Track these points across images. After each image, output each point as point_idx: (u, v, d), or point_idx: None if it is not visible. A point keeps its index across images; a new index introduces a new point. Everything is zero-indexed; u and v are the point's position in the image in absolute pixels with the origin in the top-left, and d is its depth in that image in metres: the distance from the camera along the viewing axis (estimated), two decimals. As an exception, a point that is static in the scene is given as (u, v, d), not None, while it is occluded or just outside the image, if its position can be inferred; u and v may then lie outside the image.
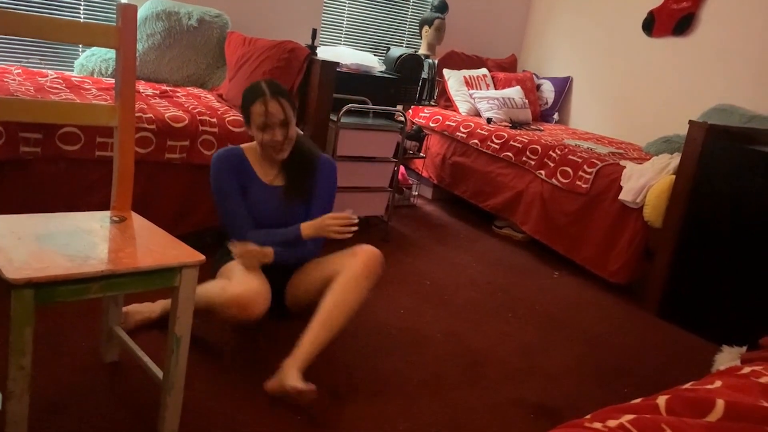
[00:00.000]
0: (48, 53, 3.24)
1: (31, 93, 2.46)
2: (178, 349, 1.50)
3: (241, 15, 3.66)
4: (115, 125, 1.70)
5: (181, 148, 2.57)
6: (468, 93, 4.34)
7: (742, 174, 2.61)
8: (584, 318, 2.74)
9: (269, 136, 2.02)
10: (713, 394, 1.07)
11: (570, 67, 4.78)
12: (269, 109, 1.99)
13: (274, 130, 2.01)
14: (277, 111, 2.00)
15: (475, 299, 2.74)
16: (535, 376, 2.17)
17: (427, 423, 1.80)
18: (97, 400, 1.67)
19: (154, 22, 3.23)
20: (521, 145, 3.61)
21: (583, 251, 3.18)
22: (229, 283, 1.90)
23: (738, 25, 3.71)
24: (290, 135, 2.05)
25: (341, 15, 4.26)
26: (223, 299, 1.85)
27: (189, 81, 3.37)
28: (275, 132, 2.01)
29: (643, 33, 4.22)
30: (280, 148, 2.05)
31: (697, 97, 3.86)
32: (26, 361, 1.27)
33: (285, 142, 2.05)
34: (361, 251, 1.99)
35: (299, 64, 2.93)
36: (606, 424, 0.97)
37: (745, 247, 2.59)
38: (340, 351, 2.11)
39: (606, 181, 3.12)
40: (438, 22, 4.38)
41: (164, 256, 1.46)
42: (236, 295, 1.84)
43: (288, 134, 2.04)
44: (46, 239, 1.43)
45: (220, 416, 1.68)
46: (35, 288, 1.24)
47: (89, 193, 2.40)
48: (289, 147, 2.08)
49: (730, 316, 2.62)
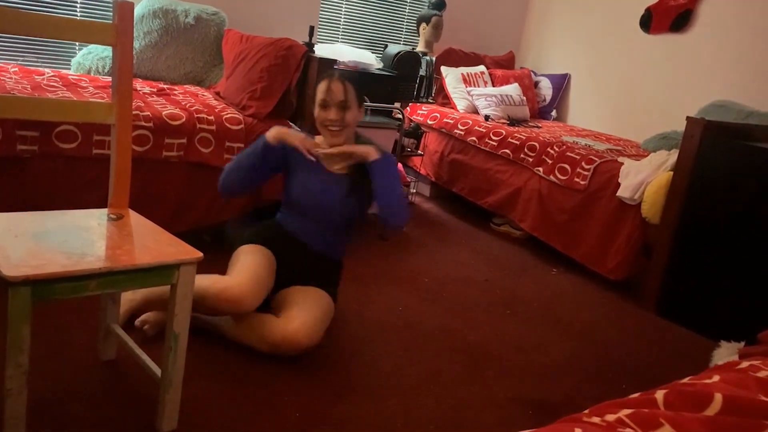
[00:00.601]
0: (45, 51, 3.23)
1: (28, 91, 2.46)
2: (176, 346, 1.50)
3: (239, 12, 3.65)
4: (112, 123, 1.70)
5: (178, 145, 2.57)
6: (466, 90, 4.34)
7: (739, 170, 2.61)
8: (582, 314, 2.74)
9: (324, 114, 2.08)
10: (711, 389, 1.07)
11: (568, 64, 4.78)
12: (331, 87, 2.07)
13: (330, 108, 2.08)
14: (338, 90, 2.07)
15: (474, 296, 2.74)
16: (534, 372, 2.17)
17: (426, 420, 1.80)
18: (95, 397, 1.66)
19: (151, 20, 3.22)
20: (519, 142, 3.61)
21: (581, 248, 3.18)
22: (221, 277, 1.93)
23: (735, 22, 3.72)
24: (346, 119, 2.09)
25: (339, 12, 4.25)
26: (212, 291, 1.88)
27: (186, 79, 3.36)
28: (330, 110, 2.07)
29: (641, 30, 4.23)
30: (335, 129, 2.09)
31: (694, 94, 3.86)
32: (24, 358, 1.27)
33: (339, 124, 2.09)
34: (291, 330, 1.90)
35: (297, 62, 2.92)
36: (604, 419, 0.97)
37: (742, 243, 2.59)
38: (339, 348, 2.11)
39: (604, 177, 3.12)
40: (435, 19, 4.38)
41: (162, 253, 1.46)
42: (224, 288, 1.88)
43: (344, 117, 2.08)
44: (43, 237, 1.43)
45: (219, 413, 1.68)
46: (32, 285, 1.24)
47: (86, 191, 2.40)
48: (344, 133, 2.12)
49: (728, 312, 2.62)
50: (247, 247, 2.10)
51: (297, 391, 1.83)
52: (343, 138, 2.12)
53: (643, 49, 4.24)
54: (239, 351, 1.98)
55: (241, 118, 2.77)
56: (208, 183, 2.67)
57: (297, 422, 1.70)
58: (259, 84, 2.89)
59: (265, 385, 1.84)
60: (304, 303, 2.01)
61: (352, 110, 2.11)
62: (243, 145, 2.73)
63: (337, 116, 2.07)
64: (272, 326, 1.94)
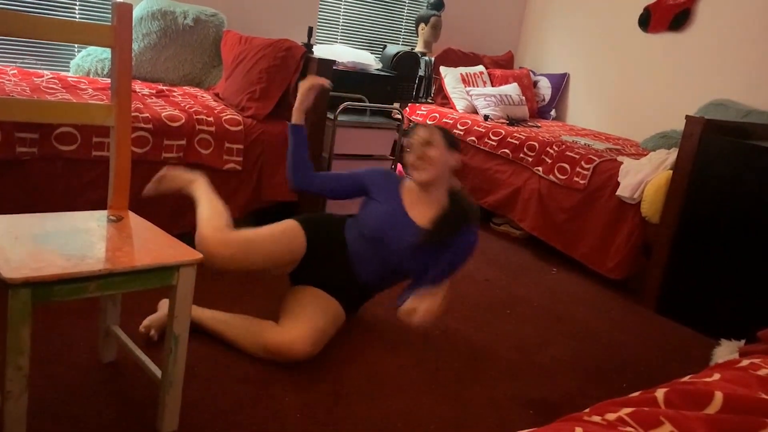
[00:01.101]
0: (43, 53, 3.23)
1: (27, 93, 2.45)
2: (176, 347, 1.50)
3: (237, 14, 3.66)
4: (111, 124, 1.70)
5: (177, 147, 2.57)
6: (465, 90, 4.34)
7: (739, 169, 2.61)
8: (582, 314, 2.74)
9: (408, 155, 2.09)
10: (712, 387, 1.07)
11: (567, 64, 4.78)
12: (418, 131, 2.09)
13: (414, 148, 2.08)
14: (425, 133, 2.08)
15: (474, 296, 2.74)
16: (534, 372, 2.17)
17: (426, 420, 1.80)
18: (96, 399, 1.66)
19: (149, 22, 3.22)
20: (518, 141, 3.61)
21: (580, 247, 3.18)
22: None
23: (734, 20, 3.72)
24: (431, 155, 2.05)
25: (337, 13, 4.25)
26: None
27: (185, 80, 3.36)
28: (415, 149, 2.07)
29: (640, 29, 4.23)
30: (417, 165, 2.06)
31: (693, 93, 3.87)
32: (24, 360, 1.27)
33: (422, 159, 2.06)
34: (288, 339, 1.90)
35: (296, 63, 2.92)
36: (605, 418, 0.97)
37: (742, 242, 2.59)
38: (338, 349, 2.11)
39: (603, 177, 3.12)
40: (434, 19, 4.38)
41: (162, 254, 1.46)
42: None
43: (427, 153, 2.05)
44: (43, 239, 1.43)
45: (219, 415, 1.68)
46: (32, 287, 1.24)
47: (86, 193, 2.40)
48: (428, 171, 2.06)
49: (728, 310, 2.62)
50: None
51: (297, 392, 1.83)
52: (425, 173, 2.06)
53: (641, 49, 4.24)
54: (240, 352, 1.98)
55: (241, 119, 2.77)
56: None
57: (297, 423, 1.70)
58: (258, 85, 2.90)
59: (266, 386, 1.84)
60: (310, 310, 1.98)
61: (438, 147, 2.06)
62: (242, 146, 2.73)
63: (419, 152, 2.06)
64: (271, 333, 1.92)
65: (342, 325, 2.11)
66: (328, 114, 3.02)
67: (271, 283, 2.44)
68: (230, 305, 2.15)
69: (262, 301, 2.34)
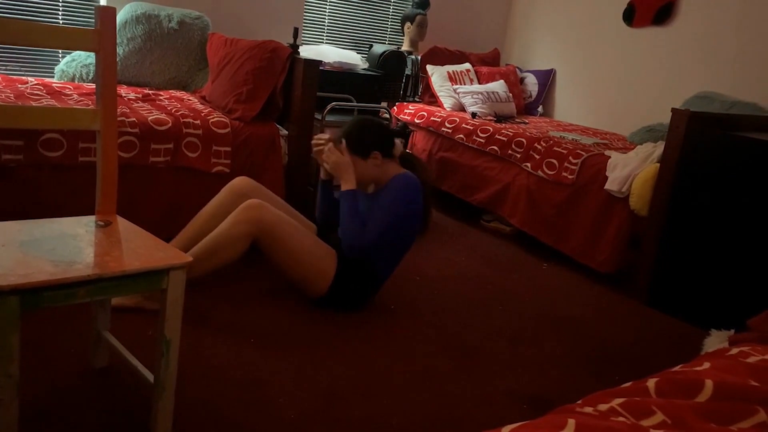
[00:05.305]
0: (27, 59, 3.21)
1: (11, 100, 2.44)
2: (168, 351, 1.50)
3: (222, 16, 3.64)
4: (97, 129, 1.69)
5: (165, 151, 2.56)
6: (452, 88, 4.34)
7: (724, 160, 2.63)
8: (573, 308, 2.75)
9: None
10: (702, 375, 1.08)
11: (553, 60, 4.80)
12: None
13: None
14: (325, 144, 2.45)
15: (465, 292, 2.74)
16: (526, 366, 2.18)
17: (420, 417, 1.80)
18: (88, 405, 1.65)
19: (134, 26, 3.21)
20: (506, 138, 3.62)
21: (570, 242, 3.20)
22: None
23: (717, 13, 3.75)
24: (332, 161, 2.40)
25: (323, 13, 4.25)
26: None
27: (171, 84, 3.35)
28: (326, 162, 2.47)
29: (624, 23, 4.25)
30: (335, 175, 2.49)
31: (678, 86, 3.89)
32: (14, 368, 1.26)
33: (333, 170, 2.44)
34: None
35: (282, 64, 2.92)
36: (597, 408, 0.98)
37: (729, 232, 2.61)
38: (332, 348, 2.11)
39: (591, 171, 3.14)
40: (420, 18, 4.39)
41: (151, 258, 1.45)
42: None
43: (330, 163, 2.42)
44: (31, 245, 1.42)
45: (213, 417, 1.68)
46: (21, 294, 1.23)
47: (74, 199, 2.38)
48: (342, 177, 2.39)
49: (717, 301, 2.65)
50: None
51: (292, 393, 1.83)
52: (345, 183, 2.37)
53: (626, 43, 4.27)
54: (234, 353, 1.98)
55: (228, 121, 2.76)
56: (196, 187, 2.66)
57: (292, 423, 1.69)
58: (244, 87, 2.89)
59: (260, 386, 1.84)
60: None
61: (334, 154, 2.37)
62: (230, 149, 2.73)
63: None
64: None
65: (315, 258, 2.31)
66: (315, 114, 3.02)
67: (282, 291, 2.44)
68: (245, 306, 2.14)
69: (274, 310, 2.33)
